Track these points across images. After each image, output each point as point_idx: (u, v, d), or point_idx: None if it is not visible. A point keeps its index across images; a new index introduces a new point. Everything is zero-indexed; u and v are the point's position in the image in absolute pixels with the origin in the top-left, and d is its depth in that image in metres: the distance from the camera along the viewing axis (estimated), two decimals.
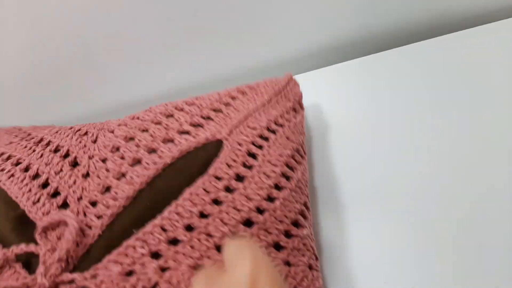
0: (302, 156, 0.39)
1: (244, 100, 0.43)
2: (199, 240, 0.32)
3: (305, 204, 0.37)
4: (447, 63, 0.49)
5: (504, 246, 0.35)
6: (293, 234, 0.34)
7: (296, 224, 0.35)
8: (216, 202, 0.34)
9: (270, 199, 0.35)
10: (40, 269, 0.31)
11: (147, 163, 0.37)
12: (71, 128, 0.44)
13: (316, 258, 0.35)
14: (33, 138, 0.43)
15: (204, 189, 0.34)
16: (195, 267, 0.31)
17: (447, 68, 0.48)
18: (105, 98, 0.55)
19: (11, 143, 0.44)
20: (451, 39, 0.51)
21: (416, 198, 0.40)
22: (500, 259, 0.34)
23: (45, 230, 0.33)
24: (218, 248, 0.32)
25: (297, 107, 0.44)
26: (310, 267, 0.33)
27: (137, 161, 0.38)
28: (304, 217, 0.36)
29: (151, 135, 0.39)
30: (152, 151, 0.38)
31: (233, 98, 0.43)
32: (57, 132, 0.44)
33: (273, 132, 0.40)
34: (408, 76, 0.49)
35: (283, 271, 0.32)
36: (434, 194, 0.40)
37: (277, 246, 0.33)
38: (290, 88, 0.45)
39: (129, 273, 0.31)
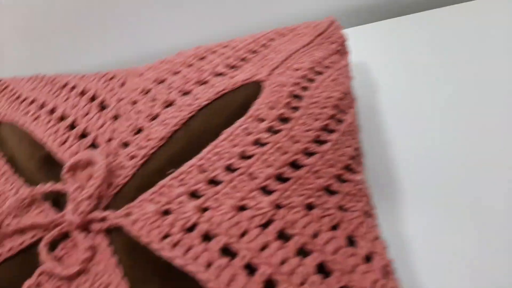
0: (352, 100, 0.36)
1: (283, 42, 0.40)
2: (241, 181, 0.29)
3: (357, 150, 0.33)
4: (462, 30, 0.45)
5: None
6: (346, 179, 0.31)
7: (349, 169, 0.32)
8: (258, 143, 0.31)
9: (320, 141, 0.31)
10: (69, 206, 0.28)
11: (181, 105, 0.34)
12: (96, 74, 0.41)
13: (373, 207, 0.32)
14: (57, 83, 0.41)
15: (244, 130, 0.31)
16: (239, 208, 0.28)
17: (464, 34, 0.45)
18: (127, 48, 0.52)
19: (34, 88, 0.41)
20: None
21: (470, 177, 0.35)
22: None
23: (73, 169, 0.31)
24: (263, 190, 0.29)
25: (342, 49, 0.40)
26: (367, 214, 0.30)
27: (169, 103, 0.35)
28: (358, 162, 0.33)
29: (184, 77, 0.37)
30: (185, 93, 0.35)
31: (271, 39, 0.40)
32: (82, 77, 0.41)
33: (319, 73, 0.36)
34: (454, 37, 0.46)
35: (336, 217, 0.29)
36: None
37: (329, 191, 0.30)
38: (333, 31, 0.41)
39: (166, 212, 0.28)
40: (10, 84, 0.44)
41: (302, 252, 0.27)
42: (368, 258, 0.28)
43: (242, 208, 0.28)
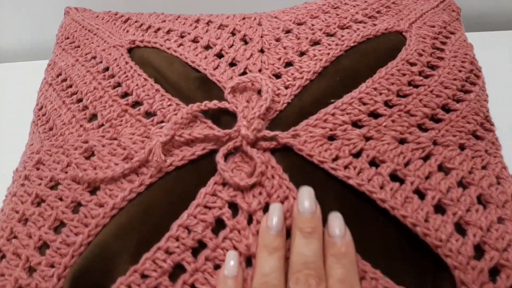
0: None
1: (411, 2, 0.41)
2: (400, 116, 0.31)
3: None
4: None
5: None
6: (488, 128, 0.33)
7: (488, 119, 0.34)
8: (412, 84, 0.33)
9: (465, 91, 0.33)
10: (242, 122, 0.30)
11: (329, 44, 0.36)
12: (221, 14, 0.43)
13: None
14: (188, 17, 0.42)
15: (399, 71, 0.33)
16: (400, 141, 0.30)
17: None
18: None
19: (164, 21, 0.42)
20: None
21: None
22: None
23: (233, 91, 0.32)
24: (420, 127, 0.31)
25: (460, 19, 0.42)
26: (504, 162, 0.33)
27: (315, 42, 0.36)
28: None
29: (325, 21, 0.38)
30: (330, 35, 0.37)
31: None
32: (211, 15, 0.42)
33: (451, 33, 0.38)
34: None
35: (485, 158, 0.31)
36: None
37: (476, 136, 0.32)
38: (451, 1, 0.43)
39: (331, 138, 0.30)
40: (132, 16, 0.45)
41: (462, 184, 0.29)
42: None
43: (403, 141, 0.30)
